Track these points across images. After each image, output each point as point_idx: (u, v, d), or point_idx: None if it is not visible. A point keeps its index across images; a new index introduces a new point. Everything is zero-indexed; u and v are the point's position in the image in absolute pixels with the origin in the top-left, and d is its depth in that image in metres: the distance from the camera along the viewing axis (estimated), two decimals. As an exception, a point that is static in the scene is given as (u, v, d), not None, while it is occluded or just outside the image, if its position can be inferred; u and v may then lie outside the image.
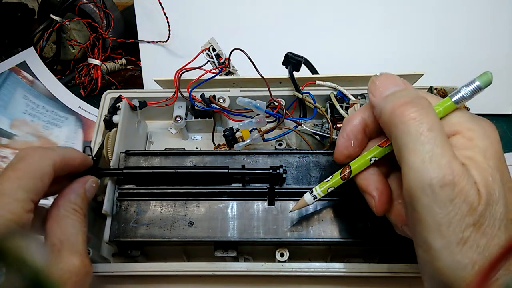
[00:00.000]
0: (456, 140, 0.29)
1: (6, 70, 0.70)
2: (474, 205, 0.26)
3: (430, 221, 0.27)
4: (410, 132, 0.28)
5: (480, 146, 0.28)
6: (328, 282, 0.44)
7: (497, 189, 0.27)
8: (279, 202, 0.43)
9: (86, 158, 0.40)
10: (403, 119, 0.28)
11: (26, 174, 0.33)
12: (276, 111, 0.48)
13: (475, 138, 0.28)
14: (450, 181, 0.26)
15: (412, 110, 0.28)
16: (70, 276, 0.33)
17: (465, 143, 0.28)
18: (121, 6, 0.79)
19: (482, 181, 0.27)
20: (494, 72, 0.67)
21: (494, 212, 0.27)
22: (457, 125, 0.29)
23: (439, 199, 0.26)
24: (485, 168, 0.27)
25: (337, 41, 0.69)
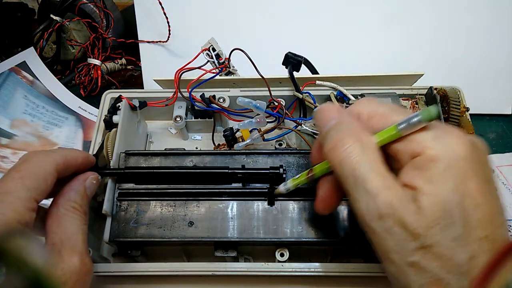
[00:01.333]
0: (418, 161, 0.28)
1: (6, 70, 0.71)
2: (415, 230, 0.26)
3: (378, 250, 0.29)
4: (340, 175, 0.30)
5: (439, 167, 0.27)
6: (328, 282, 0.44)
7: (454, 210, 0.26)
8: (279, 202, 0.43)
9: (88, 157, 0.40)
10: (333, 163, 0.30)
11: (29, 175, 0.33)
12: (276, 111, 0.48)
13: (436, 158, 0.27)
14: (380, 215, 0.27)
15: (337, 153, 0.29)
16: (71, 276, 0.33)
17: (426, 164, 0.28)
18: (121, 6, 0.79)
19: (432, 205, 0.26)
20: (494, 72, 0.67)
21: (448, 234, 0.26)
22: (420, 144, 0.28)
23: (377, 231, 0.28)
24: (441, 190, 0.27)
25: (337, 41, 0.69)
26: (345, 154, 0.29)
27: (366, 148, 0.29)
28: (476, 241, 0.26)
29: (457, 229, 0.26)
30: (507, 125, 0.65)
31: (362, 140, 0.30)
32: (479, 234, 0.26)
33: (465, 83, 0.52)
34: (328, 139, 0.31)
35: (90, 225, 0.40)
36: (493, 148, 0.63)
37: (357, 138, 0.30)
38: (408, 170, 0.29)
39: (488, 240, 0.26)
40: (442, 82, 0.51)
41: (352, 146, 0.29)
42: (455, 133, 0.28)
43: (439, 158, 0.27)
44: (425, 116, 0.28)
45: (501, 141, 0.64)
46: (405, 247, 0.27)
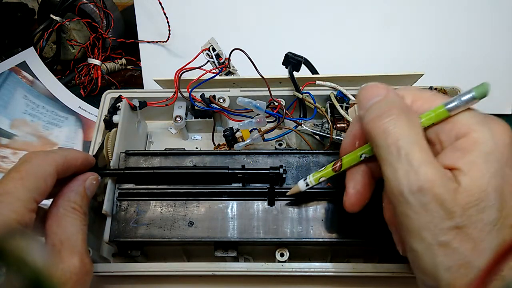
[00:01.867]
0: (461, 143, 0.28)
1: (6, 70, 0.71)
2: (452, 209, 0.26)
3: (409, 226, 0.28)
4: (381, 144, 0.29)
5: (483, 150, 0.27)
6: (328, 282, 0.44)
7: (492, 194, 0.26)
8: (279, 202, 0.43)
9: (88, 157, 0.40)
10: (375, 132, 0.30)
11: (29, 175, 0.33)
12: (276, 111, 0.48)
13: (480, 141, 0.28)
14: (420, 187, 0.27)
15: (382, 122, 0.29)
16: (71, 276, 0.33)
17: (469, 146, 0.28)
18: (121, 6, 0.79)
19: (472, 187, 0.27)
20: (494, 72, 0.67)
21: (484, 217, 0.26)
22: (465, 127, 0.29)
23: (412, 206, 0.27)
24: (482, 172, 0.27)
25: (337, 41, 0.69)
26: (391, 123, 0.29)
27: (412, 122, 0.29)
28: (509, 227, 0.26)
29: (492, 213, 0.26)
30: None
31: (408, 115, 0.29)
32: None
33: (465, 83, 0.52)
34: (373, 110, 0.30)
35: (90, 225, 0.40)
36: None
37: (403, 111, 0.30)
38: (450, 152, 0.29)
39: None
40: (442, 82, 0.51)
41: (398, 117, 0.29)
42: (500, 121, 0.29)
43: (484, 142, 0.28)
44: (479, 92, 0.28)
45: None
46: (439, 225, 0.27)
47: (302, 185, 0.39)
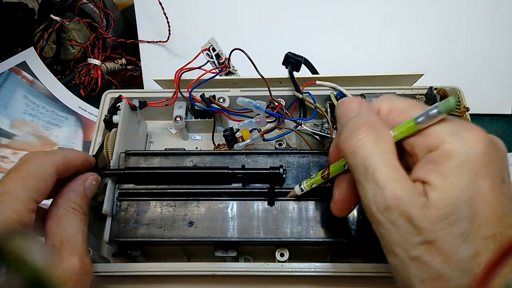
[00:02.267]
0: (433, 156, 0.28)
1: (6, 70, 0.71)
2: (420, 224, 0.26)
3: (382, 242, 0.29)
4: (351, 164, 0.30)
5: (454, 162, 0.27)
6: (328, 282, 0.44)
7: (462, 207, 0.26)
8: (279, 202, 0.43)
9: (88, 157, 0.40)
10: (345, 152, 0.30)
11: (29, 175, 0.33)
12: (276, 111, 0.48)
13: (452, 153, 0.27)
14: (387, 206, 0.27)
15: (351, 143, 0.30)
16: (71, 276, 0.33)
17: (440, 159, 0.28)
18: (121, 6, 0.79)
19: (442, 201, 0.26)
20: (494, 72, 0.67)
21: (453, 230, 0.26)
22: (437, 139, 0.28)
23: (382, 224, 0.28)
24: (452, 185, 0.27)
25: (337, 41, 0.69)
26: (359, 144, 0.29)
27: (380, 140, 0.29)
28: (482, 239, 0.26)
29: (463, 225, 0.26)
30: (507, 125, 0.65)
31: (377, 132, 0.30)
32: (485, 232, 0.26)
33: (465, 83, 0.52)
34: (345, 129, 0.31)
35: (90, 225, 0.40)
36: (493, 148, 0.63)
37: (372, 128, 0.30)
38: (423, 165, 0.29)
39: (496, 239, 0.26)
40: (442, 82, 0.51)
41: (366, 136, 0.29)
42: (474, 129, 0.28)
43: (454, 154, 0.27)
44: (444, 107, 0.27)
45: (501, 141, 0.64)
46: (409, 240, 0.27)
47: (298, 190, 0.41)
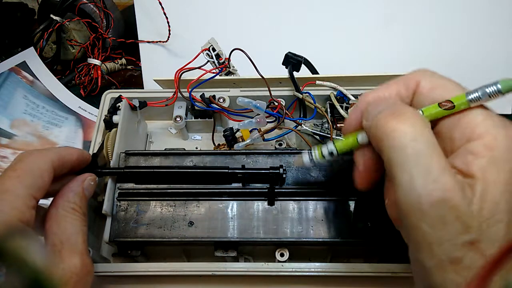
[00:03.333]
0: (475, 146, 0.26)
1: (6, 70, 0.70)
2: (469, 223, 0.24)
3: (420, 240, 0.26)
4: (395, 146, 0.26)
5: (498, 158, 0.25)
6: (328, 282, 0.44)
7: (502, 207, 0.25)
8: (279, 202, 0.43)
9: (83, 153, 0.40)
10: (388, 132, 0.27)
11: (26, 172, 0.33)
12: (276, 111, 0.48)
13: (496, 147, 0.26)
14: (439, 198, 0.25)
15: (396, 122, 0.27)
16: (71, 276, 0.33)
17: (483, 151, 0.26)
18: (121, 6, 0.79)
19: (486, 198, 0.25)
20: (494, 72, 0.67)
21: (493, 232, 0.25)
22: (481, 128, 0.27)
23: (428, 218, 0.25)
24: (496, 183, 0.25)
25: (337, 41, 0.69)
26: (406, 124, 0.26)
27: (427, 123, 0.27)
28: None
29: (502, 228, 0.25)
30: (507, 125, 0.65)
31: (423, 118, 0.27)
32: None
33: (465, 83, 0.52)
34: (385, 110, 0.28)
35: (90, 225, 0.40)
36: (493, 148, 0.63)
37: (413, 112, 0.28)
38: (462, 154, 0.27)
39: None
40: (442, 82, 0.51)
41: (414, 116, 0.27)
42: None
43: (498, 148, 0.26)
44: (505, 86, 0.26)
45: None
46: (453, 240, 0.24)
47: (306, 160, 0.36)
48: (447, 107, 0.28)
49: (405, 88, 0.31)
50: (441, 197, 0.25)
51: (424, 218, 0.25)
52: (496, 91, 0.26)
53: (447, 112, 0.28)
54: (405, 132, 0.26)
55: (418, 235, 0.26)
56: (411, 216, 0.26)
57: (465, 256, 0.24)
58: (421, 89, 0.30)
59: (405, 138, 0.26)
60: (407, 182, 0.26)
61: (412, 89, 0.30)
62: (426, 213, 0.25)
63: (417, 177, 0.25)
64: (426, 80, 0.30)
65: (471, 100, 0.27)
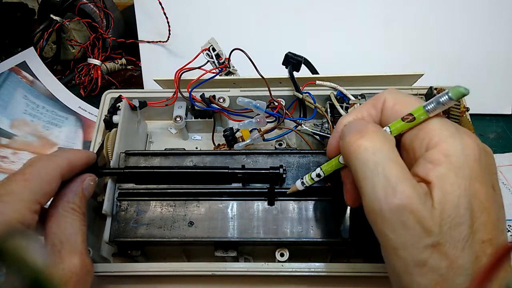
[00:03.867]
0: (432, 154, 0.28)
1: (6, 70, 0.71)
2: (429, 226, 0.26)
3: (386, 245, 0.28)
4: (357, 160, 0.29)
5: (455, 164, 0.27)
6: (328, 282, 0.44)
7: (463, 210, 0.26)
8: (279, 202, 0.43)
9: (90, 155, 0.40)
10: (351, 149, 0.30)
11: (34, 177, 0.34)
12: (276, 111, 0.48)
13: (451, 154, 0.27)
14: (398, 205, 0.26)
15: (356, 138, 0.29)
16: (71, 276, 0.34)
17: (440, 159, 0.28)
18: (121, 6, 0.79)
19: (445, 202, 0.26)
20: (494, 72, 0.67)
21: (456, 234, 0.26)
22: (437, 137, 0.29)
23: (390, 224, 0.27)
24: (453, 188, 0.27)
25: (337, 41, 0.69)
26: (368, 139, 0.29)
27: (387, 138, 0.30)
28: (479, 243, 0.26)
29: (464, 229, 0.26)
30: (507, 125, 0.65)
31: (383, 131, 0.30)
32: (482, 237, 0.26)
33: (465, 83, 0.52)
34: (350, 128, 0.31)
35: (90, 225, 0.40)
36: (493, 148, 0.63)
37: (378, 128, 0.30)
38: (422, 163, 0.29)
39: (492, 244, 0.26)
40: (442, 82, 0.51)
41: (375, 133, 0.29)
42: (472, 135, 0.29)
43: (454, 155, 0.27)
44: (454, 93, 0.28)
45: (501, 141, 0.64)
46: (417, 243, 0.26)
47: (299, 185, 0.40)
48: (409, 119, 0.30)
49: (374, 108, 0.33)
50: (400, 204, 0.26)
51: (387, 225, 0.27)
52: (448, 99, 0.28)
53: (409, 124, 0.30)
54: (365, 148, 0.29)
55: (384, 240, 0.28)
56: (376, 223, 0.28)
57: (429, 258, 0.26)
58: (386, 106, 0.33)
59: (366, 153, 0.29)
60: (370, 192, 0.28)
61: (380, 107, 0.33)
62: (388, 219, 0.27)
63: (377, 187, 0.27)
64: (389, 98, 0.33)
65: (428, 111, 0.29)
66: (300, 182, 0.40)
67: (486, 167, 0.28)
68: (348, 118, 0.34)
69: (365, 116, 0.34)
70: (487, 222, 0.27)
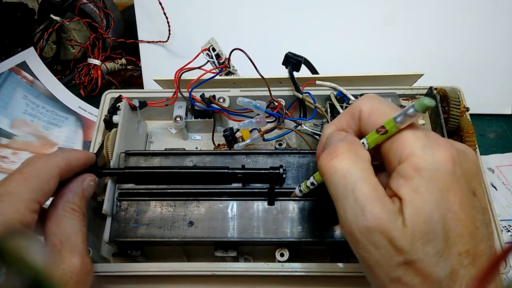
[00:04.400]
0: (403, 168, 0.28)
1: (6, 70, 0.71)
2: (400, 245, 0.26)
3: (362, 263, 0.29)
4: (329, 182, 0.29)
5: (425, 178, 0.27)
6: (328, 282, 0.44)
7: (435, 225, 0.26)
8: (279, 202, 0.43)
9: (89, 155, 0.40)
10: (323, 171, 0.30)
11: (32, 177, 0.34)
12: (276, 111, 0.48)
13: (422, 168, 0.27)
14: (368, 226, 0.27)
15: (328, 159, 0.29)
16: (72, 276, 0.34)
17: (411, 173, 0.27)
18: (121, 6, 0.79)
19: (416, 219, 0.26)
20: (494, 72, 0.67)
21: (429, 249, 0.26)
22: (408, 149, 0.28)
23: (362, 245, 0.27)
24: (425, 204, 0.26)
25: (337, 41, 0.69)
26: (338, 161, 0.29)
27: (358, 157, 0.29)
28: (456, 255, 0.26)
29: (438, 244, 0.26)
30: (507, 125, 0.66)
31: (357, 150, 0.30)
32: (459, 249, 0.26)
33: (465, 83, 0.52)
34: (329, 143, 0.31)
35: (90, 225, 0.40)
36: (493, 148, 0.63)
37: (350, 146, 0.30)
38: (395, 178, 0.28)
39: (469, 255, 0.26)
40: (442, 82, 0.51)
41: (347, 153, 0.29)
42: (444, 145, 0.28)
43: (424, 168, 0.27)
44: (419, 106, 0.27)
45: (501, 141, 0.64)
46: (389, 261, 0.27)
47: (297, 192, 0.40)
48: (382, 132, 0.30)
49: (352, 118, 0.33)
50: (369, 225, 0.27)
51: (359, 245, 0.28)
52: (414, 111, 0.28)
53: (383, 136, 0.30)
54: (336, 169, 0.29)
55: (360, 259, 0.29)
56: (351, 243, 0.29)
57: (403, 275, 0.26)
58: (362, 116, 0.32)
59: (337, 175, 0.29)
60: (342, 214, 0.28)
61: (357, 116, 0.32)
62: (359, 240, 0.27)
63: (348, 209, 0.28)
64: (365, 108, 0.32)
65: (398, 122, 0.29)
66: (298, 190, 0.40)
67: (464, 174, 0.28)
68: (329, 129, 0.34)
69: (344, 126, 0.34)
70: (463, 233, 0.26)
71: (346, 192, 0.28)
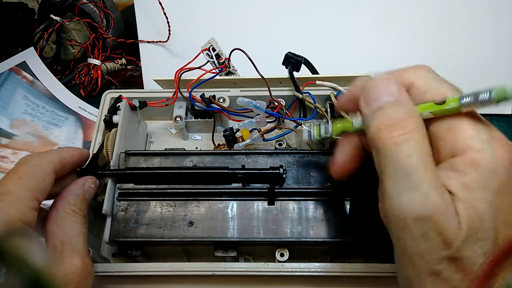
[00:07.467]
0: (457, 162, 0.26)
1: (6, 70, 0.71)
2: (450, 239, 0.25)
3: (402, 250, 0.27)
4: (388, 158, 0.27)
5: (482, 174, 0.25)
6: (328, 282, 0.44)
7: (487, 225, 0.25)
8: (279, 202, 0.43)
9: (82, 151, 0.41)
10: (384, 143, 0.27)
11: (28, 175, 0.34)
12: (276, 111, 0.48)
13: (480, 163, 0.25)
14: (423, 215, 0.25)
15: (394, 134, 0.27)
16: (73, 277, 0.34)
17: (466, 168, 0.26)
18: (121, 6, 0.79)
19: (469, 215, 0.25)
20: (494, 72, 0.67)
21: (476, 249, 0.25)
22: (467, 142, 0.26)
23: (411, 232, 0.26)
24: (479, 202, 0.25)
25: (337, 41, 0.69)
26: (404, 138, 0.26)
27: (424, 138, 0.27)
28: None
29: (487, 244, 0.25)
30: (507, 125, 0.65)
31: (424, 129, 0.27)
32: None
33: (465, 83, 0.52)
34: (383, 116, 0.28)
35: (90, 225, 0.40)
36: (493, 148, 0.63)
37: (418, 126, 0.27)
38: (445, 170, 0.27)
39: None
40: (442, 82, 0.51)
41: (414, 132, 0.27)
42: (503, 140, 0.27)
43: (481, 165, 0.26)
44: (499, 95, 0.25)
45: (501, 141, 0.64)
46: (434, 254, 0.25)
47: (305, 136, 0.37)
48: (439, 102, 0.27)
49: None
50: (425, 214, 0.25)
51: (407, 231, 0.26)
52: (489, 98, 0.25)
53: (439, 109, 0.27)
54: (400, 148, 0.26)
55: (401, 245, 0.27)
56: (396, 227, 0.27)
57: (444, 269, 0.25)
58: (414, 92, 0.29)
59: (401, 153, 0.26)
60: (395, 195, 0.26)
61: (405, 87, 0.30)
62: (410, 227, 0.26)
63: (405, 192, 0.26)
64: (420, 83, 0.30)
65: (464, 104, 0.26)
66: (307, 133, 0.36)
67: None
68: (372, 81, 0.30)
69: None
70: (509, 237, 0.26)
71: (407, 174, 0.25)
